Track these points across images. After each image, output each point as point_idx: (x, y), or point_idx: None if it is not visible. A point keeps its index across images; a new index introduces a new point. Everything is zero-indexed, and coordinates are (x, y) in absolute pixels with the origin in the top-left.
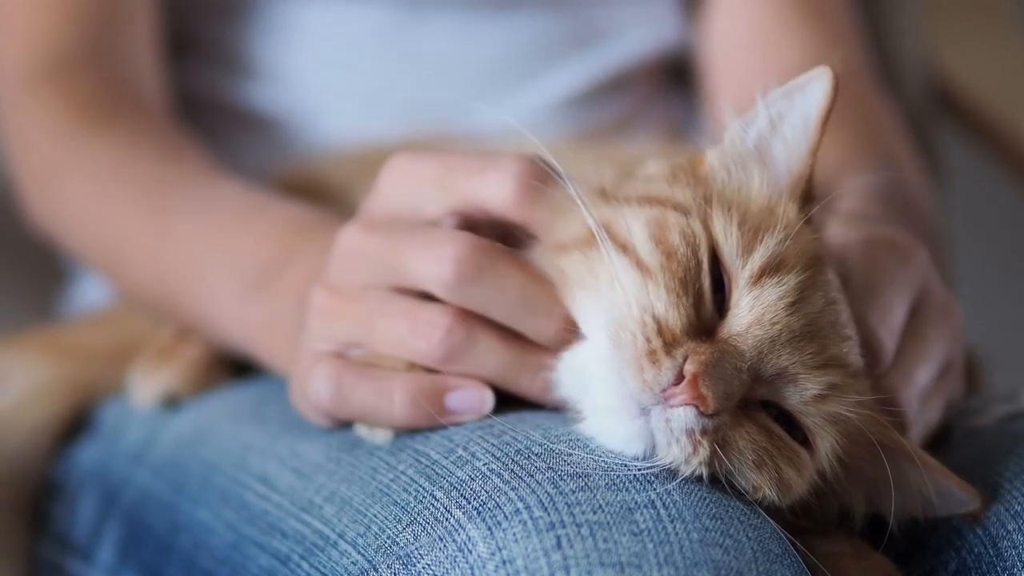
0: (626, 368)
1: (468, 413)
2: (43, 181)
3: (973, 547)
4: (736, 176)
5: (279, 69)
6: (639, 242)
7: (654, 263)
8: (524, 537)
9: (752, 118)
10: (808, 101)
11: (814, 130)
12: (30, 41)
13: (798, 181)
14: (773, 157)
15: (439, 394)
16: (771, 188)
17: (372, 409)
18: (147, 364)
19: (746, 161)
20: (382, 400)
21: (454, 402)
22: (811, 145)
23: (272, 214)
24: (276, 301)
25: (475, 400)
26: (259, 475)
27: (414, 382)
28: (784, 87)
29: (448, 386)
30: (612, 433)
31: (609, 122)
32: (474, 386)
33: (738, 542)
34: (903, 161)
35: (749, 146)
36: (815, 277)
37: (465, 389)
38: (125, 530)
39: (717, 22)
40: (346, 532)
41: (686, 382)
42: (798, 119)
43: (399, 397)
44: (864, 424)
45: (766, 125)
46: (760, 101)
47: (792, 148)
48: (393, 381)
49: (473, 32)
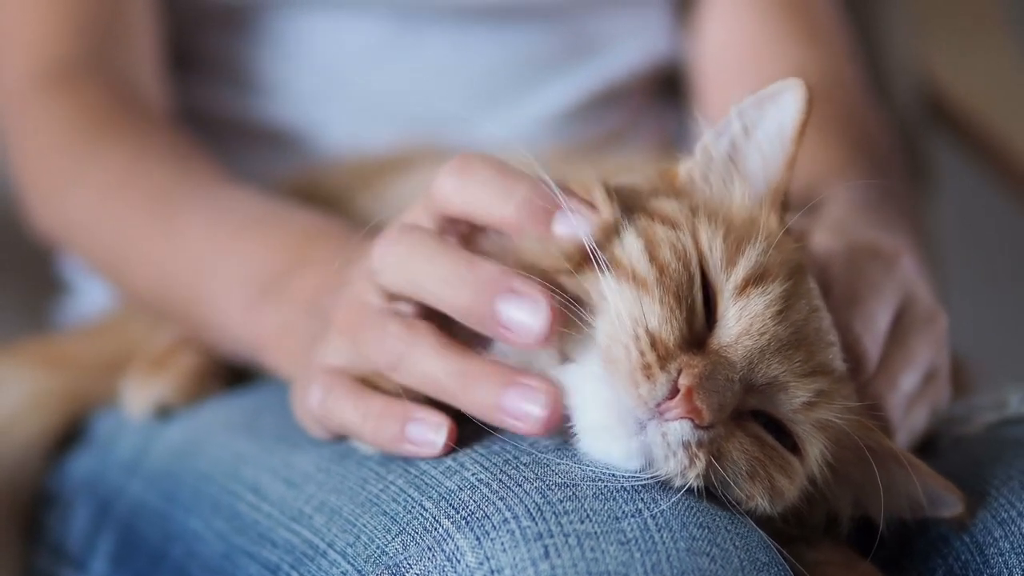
0: (620, 383)
1: (422, 446)
2: (50, 188)
3: (960, 554)
4: (717, 187)
5: (278, 82)
6: (633, 256)
7: (649, 277)
8: (512, 547)
9: (723, 127)
10: (782, 112)
11: (790, 142)
12: (35, 50)
13: (776, 193)
14: (748, 167)
15: (402, 421)
16: (751, 199)
17: (350, 426)
18: (139, 374)
19: (725, 172)
20: (357, 418)
21: (411, 431)
22: (788, 157)
23: (281, 221)
24: (285, 308)
25: (431, 432)
26: (251, 485)
27: (385, 405)
28: (754, 96)
29: (411, 415)
30: (610, 450)
31: (603, 134)
32: (434, 420)
33: (725, 551)
34: (892, 169)
35: (722, 155)
36: (798, 285)
37: (424, 422)
38: (118, 540)
39: (708, 33)
40: (335, 542)
41: (681, 395)
42: (772, 129)
43: (371, 418)
44: (851, 429)
45: (739, 134)
46: (732, 110)
47: (769, 159)
48: (370, 401)
49: (468, 44)
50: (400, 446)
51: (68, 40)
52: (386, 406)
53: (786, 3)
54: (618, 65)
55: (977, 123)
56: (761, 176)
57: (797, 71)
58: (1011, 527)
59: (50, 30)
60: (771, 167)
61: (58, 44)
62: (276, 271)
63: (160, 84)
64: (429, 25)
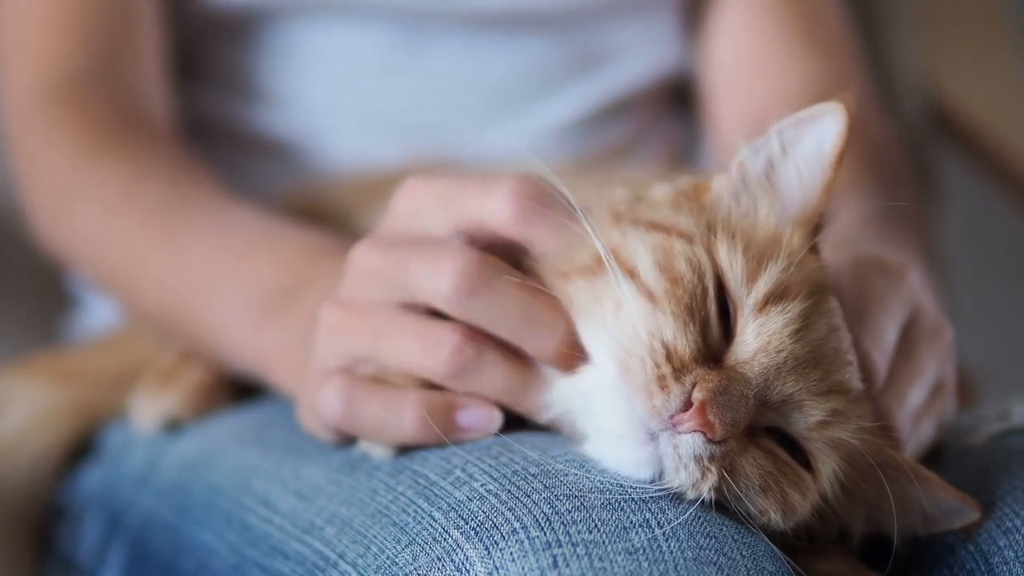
0: (635, 393)
1: (477, 431)
2: (54, 204)
3: (965, 563)
4: (744, 203)
5: (285, 92)
6: (645, 268)
7: (660, 289)
8: (521, 556)
9: (761, 145)
10: (821, 134)
11: (829, 167)
12: (40, 65)
13: (811, 216)
14: (781, 186)
15: (449, 411)
16: (777, 216)
17: (381, 424)
18: (148, 388)
19: (753, 189)
20: (391, 416)
21: (464, 420)
22: (826, 182)
23: (285, 240)
24: (289, 327)
25: (484, 418)
26: (262, 498)
27: (424, 399)
28: (794, 116)
29: (458, 404)
30: (620, 458)
31: (612, 146)
32: (483, 405)
33: (732, 560)
34: (901, 182)
35: (758, 172)
36: (819, 304)
37: (474, 408)
38: (129, 553)
39: (718, 45)
40: (346, 553)
41: (694, 409)
42: (809, 151)
43: (409, 413)
44: (865, 449)
45: (776, 153)
46: (771, 128)
47: (806, 181)
48: (404, 397)
49: (477, 55)
50: (452, 436)
51: (74, 55)
52: (427, 399)
53: (795, 16)
54: (627, 76)
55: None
56: (797, 197)
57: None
58: (1015, 536)
59: (56, 45)
60: (808, 189)
61: (64, 59)
62: (278, 290)
63: (165, 97)
64: (436, 36)
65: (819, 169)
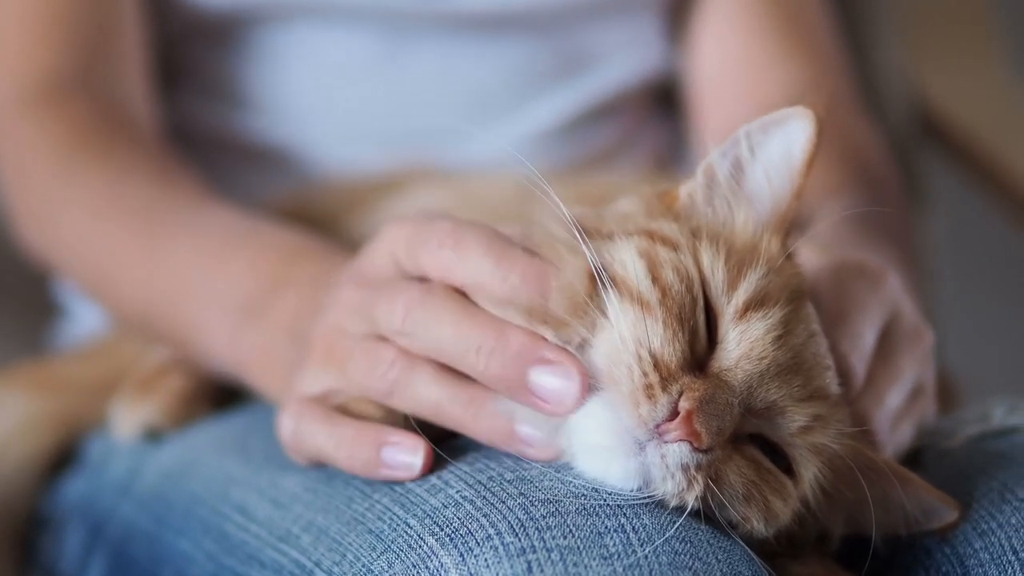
0: (622, 403)
1: (399, 470)
2: (37, 208)
3: (941, 566)
4: (721, 210)
5: (268, 98)
6: (636, 277)
7: (652, 299)
8: (496, 562)
9: (728, 148)
10: (789, 139)
11: (798, 173)
12: (22, 68)
13: (781, 220)
14: (752, 190)
15: (376, 445)
16: (754, 223)
17: (323, 452)
18: (128, 397)
19: (723, 192)
20: (330, 445)
21: (387, 455)
22: (795, 188)
23: (263, 240)
24: (267, 329)
25: (407, 455)
26: (239, 506)
27: (358, 430)
28: (760, 121)
29: (385, 440)
30: (608, 470)
31: (597, 150)
32: (410, 443)
33: (708, 565)
34: (885, 186)
35: (725, 175)
36: (798, 310)
37: (400, 445)
38: (110, 562)
39: (702, 48)
40: (322, 561)
41: (680, 418)
42: (777, 155)
43: (344, 444)
44: (845, 452)
45: (745, 156)
46: (740, 131)
47: (775, 184)
48: (344, 428)
49: (460, 58)
50: (376, 471)
51: (57, 57)
52: (359, 431)
53: (780, 20)
54: (611, 79)
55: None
56: (766, 200)
57: (793, 87)
58: (991, 538)
59: (39, 49)
60: (777, 193)
61: (47, 61)
62: (258, 292)
63: (149, 101)
64: (419, 39)
65: (788, 174)
